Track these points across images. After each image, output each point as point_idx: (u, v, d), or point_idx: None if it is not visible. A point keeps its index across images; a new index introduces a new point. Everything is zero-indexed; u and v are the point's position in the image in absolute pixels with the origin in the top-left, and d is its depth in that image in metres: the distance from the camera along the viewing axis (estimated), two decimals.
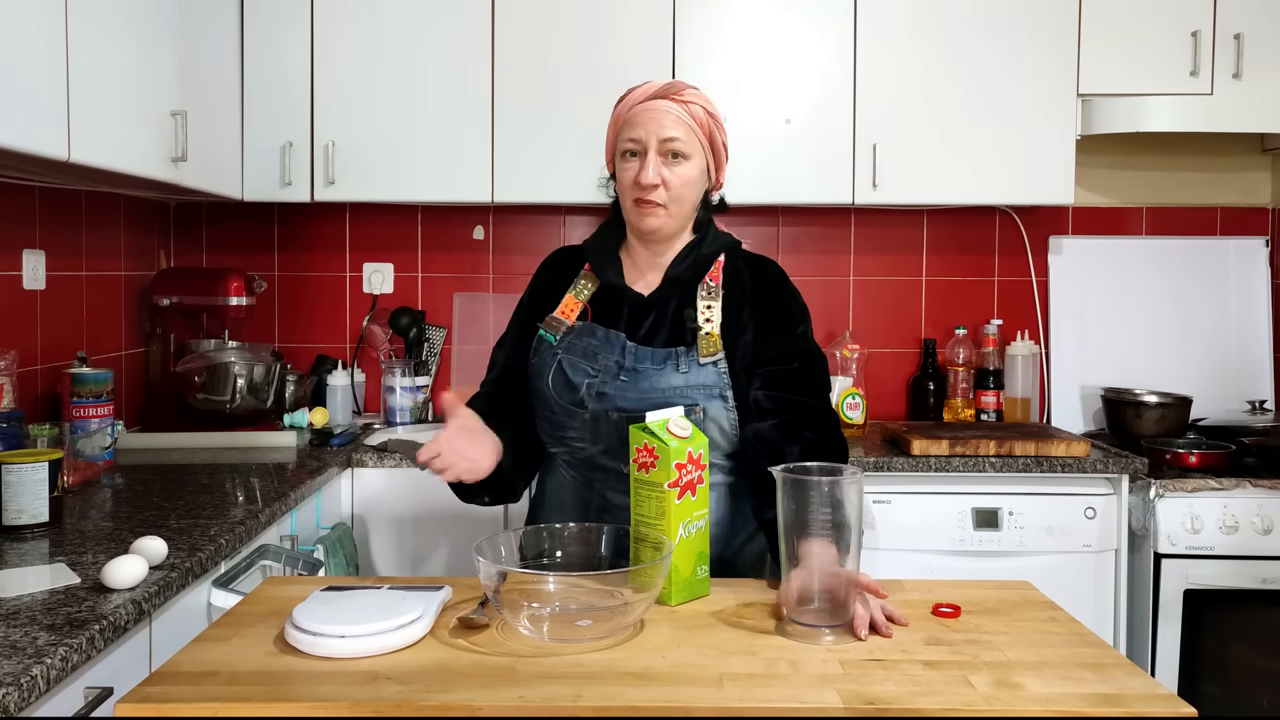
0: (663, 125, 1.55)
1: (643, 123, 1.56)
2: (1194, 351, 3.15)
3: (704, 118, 1.59)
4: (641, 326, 1.61)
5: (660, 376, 1.56)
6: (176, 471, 2.29)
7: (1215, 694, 2.52)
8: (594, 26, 2.79)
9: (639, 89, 1.60)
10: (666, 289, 1.63)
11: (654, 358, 1.58)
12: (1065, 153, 2.82)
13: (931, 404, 3.12)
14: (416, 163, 2.81)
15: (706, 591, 1.38)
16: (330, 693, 1.05)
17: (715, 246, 1.65)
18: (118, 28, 2.08)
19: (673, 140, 1.55)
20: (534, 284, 1.75)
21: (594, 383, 1.58)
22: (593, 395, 1.57)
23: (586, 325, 1.63)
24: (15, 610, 1.33)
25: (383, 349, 3.13)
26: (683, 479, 1.35)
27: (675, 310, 1.62)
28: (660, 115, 1.56)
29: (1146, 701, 1.05)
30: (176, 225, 3.18)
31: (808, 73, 2.82)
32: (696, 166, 1.59)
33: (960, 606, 1.32)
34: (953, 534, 2.54)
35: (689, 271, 1.63)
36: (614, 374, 1.57)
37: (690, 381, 1.56)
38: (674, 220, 1.60)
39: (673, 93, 1.57)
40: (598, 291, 1.66)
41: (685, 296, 1.63)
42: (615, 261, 1.67)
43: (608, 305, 1.65)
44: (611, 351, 1.59)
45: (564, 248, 1.78)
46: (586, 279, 1.68)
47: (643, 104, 1.58)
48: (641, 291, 1.64)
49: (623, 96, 1.63)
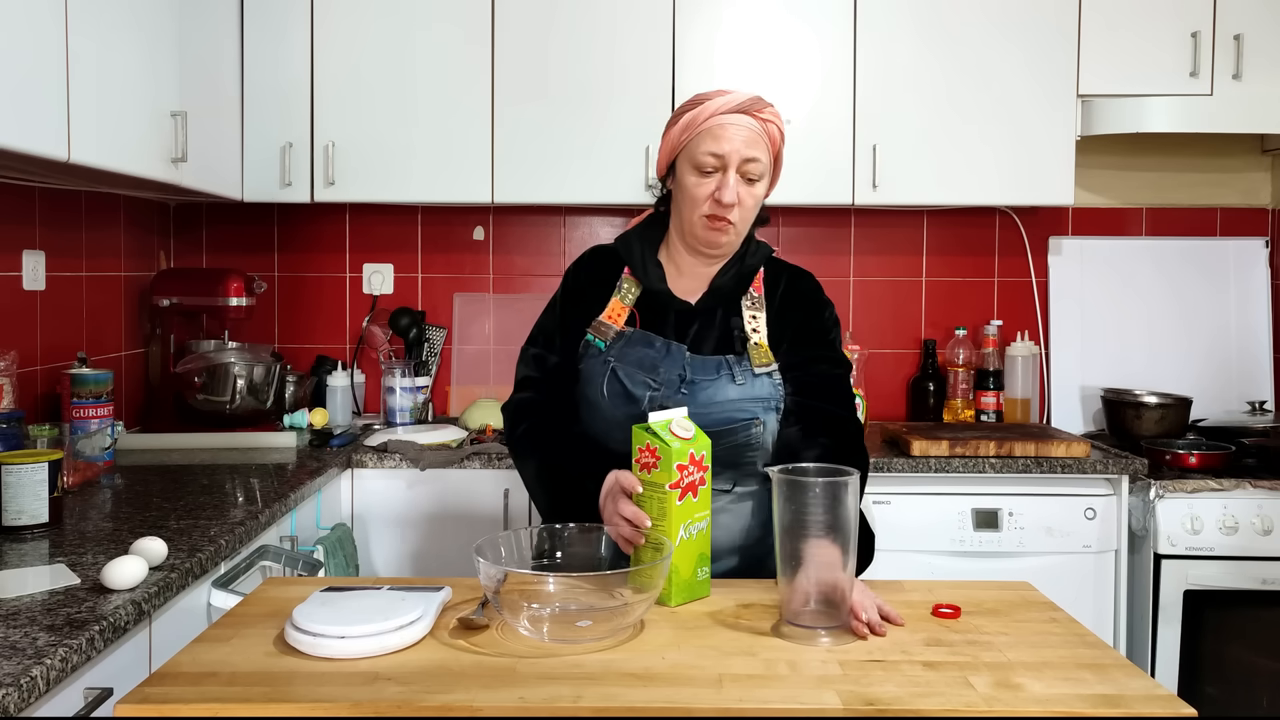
0: (747, 144, 1.52)
1: (728, 138, 1.52)
2: (1194, 352, 3.15)
3: (778, 138, 1.57)
4: (687, 335, 1.59)
5: (716, 389, 1.55)
6: (176, 472, 2.29)
7: (1215, 694, 2.52)
8: (594, 28, 2.79)
9: (719, 99, 1.54)
10: (712, 298, 1.61)
11: (706, 368, 1.56)
12: (1065, 153, 2.82)
13: (931, 405, 3.12)
14: (416, 163, 2.81)
15: (707, 593, 1.38)
16: (330, 693, 1.05)
17: (758, 258, 1.64)
18: (118, 28, 2.08)
19: (754, 161, 1.53)
20: (569, 283, 1.70)
21: (657, 396, 1.54)
22: (656, 409, 1.50)
23: (639, 333, 1.60)
24: (15, 611, 1.33)
25: (382, 350, 3.13)
26: (684, 480, 1.35)
27: (722, 319, 1.61)
28: (745, 133, 1.53)
29: (1146, 702, 1.05)
30: (176, 226, 3.18)
31: (808, 73, 2.82)
32: (764, 186, 1.58)
33: (960, 607, 1.32)
34: (953, 535, 2.54)
35: (734, 282, 1.62)
36: (676, 387, 1.55)
37: (747, 394, 1.56)
38: (739, 238, 1.60)
39: (755, 110, 1.54)
40: (641, 296, 1.63)
41: (730, 306, 1.61)
42: (657, 266, 1.63)
43: (653, 312, 1.61)
44: (674, 365, 1.56)
45: (598, 247, 1.73)
46: (629, 282, 1.64)
47: (726, 116, 1.53)
48: (682, 297, 1.62)
49: (694, 102, 1.57)
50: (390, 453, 2.57)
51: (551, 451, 1.59)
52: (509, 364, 3.17)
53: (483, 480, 2.58)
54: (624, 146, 2.80)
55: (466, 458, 2.56)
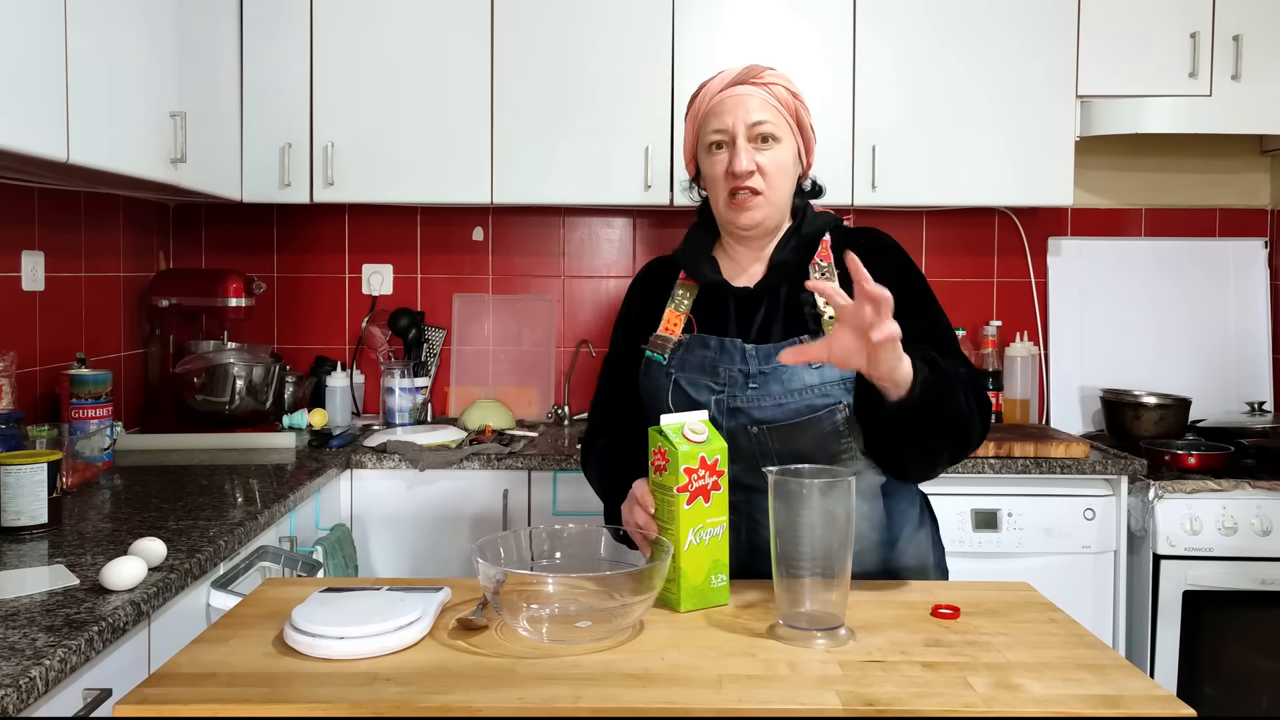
0: (749, 110, 1.46)
1: (728, 110, 1.47)
2: (1193, 353, 3.15)
3: (788, 98, 1.49)
4: (753, 323, 1.50)
5: (792, 375, 1.44)
6: (175, 473, 2.28)
7: (1214, 695, 2.52)
8: (593, 28, 2.79)
9: (715, 79, 1.51)
10: (773, 276, 1.51)
11: (778, 353, 1.41)
12: (1064, 154, 2.82)
13: None
14: (415, 164, 2.81)
15: (724, 601, 1.34)
16: (329, 694, 1.04)
17: (816, 226, 1.54)
18: (117, 28, 2.08)
19: (761, 124, 1.46)
20: (628, 305, 1.65)
21: (721, 399, 1.46)
22: (724, 412, 1.46)
23: (696, 337, 1.51)
24: (14, 612, 1.33)
25: (382, 350, 3.13)
26: (693, 484, 1.31)
27: (787, 298, 1.50)
28: (744, 100, 1.46)
29: (1145, 703, 1.05)
30: (175, 226, 3.18)
31: (807, 74, 2.81)
32: (788, 150, 1.49)
33: (959, 608, 1.32)
34: (952, 535, 2.54)
35: (794, 255, 1.51)
36: (741, 384, 1.46)
37: (826, 377, 1.44)
38: (774, 210, 1.50)
39: (751, 77, 1.48)
40: (699, 297, 1.55)
41: (795, 282, 1.50)
42: (710, 260, 1.56)
43: (712, 308, 1.53)
44: (732, 361, 1.47)
45: (653, 260, 1.67)
46: (683, 288, 1.57)
47: (723, 92, 1.48)
48: (740, 284, 1.54)
49: (698, 91, 1.54)
50: (389, 453, 2.57)
51: (615, 478, 1.53)
52: (508, 364, 3.18)
53: (482, 481, 2.58)
54: (624, 147, 2.80)
55: (465, 458, 2.56)
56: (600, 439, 1.66)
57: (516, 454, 2.57)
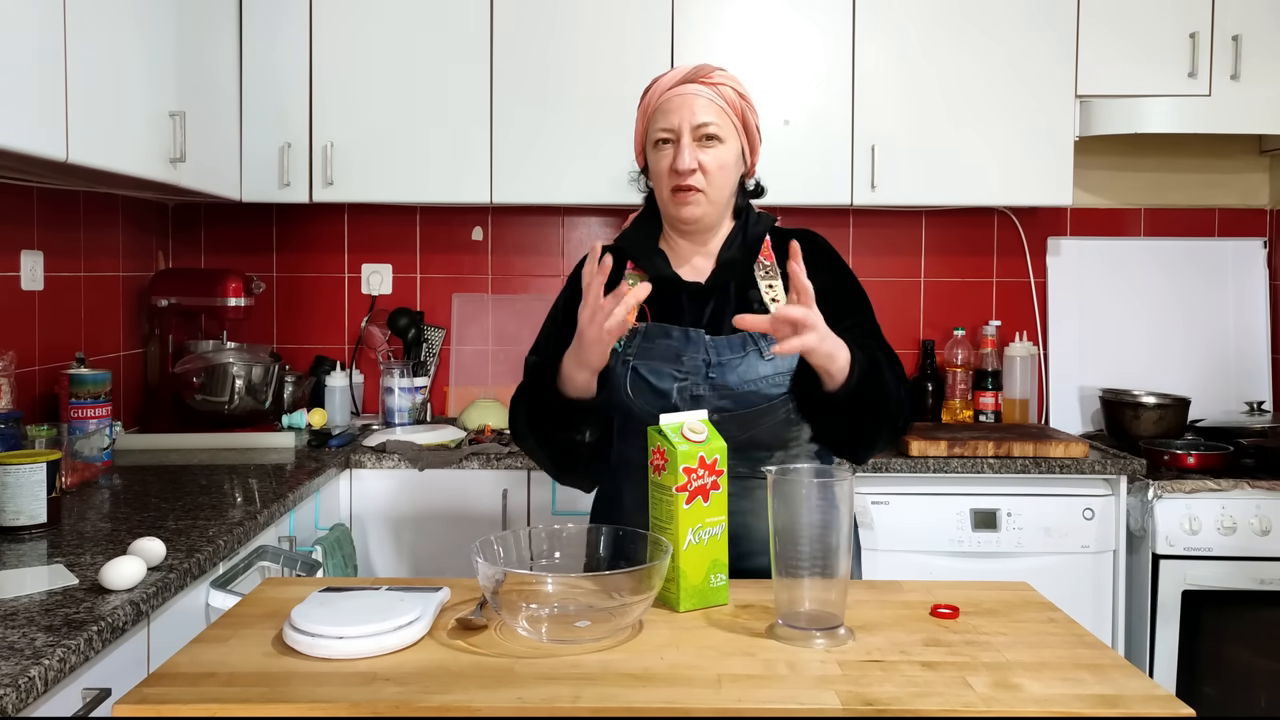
0: (695, 110, 1.52)
1: (675, 109, 1.53)
2: (1192, 353, 3.15)
3: (735, 99, 1.55)
4: (703, 316, 1.56)
5: (747, 366, 1.52)
6: (175, 472, 2.28)
7: (1213, 695, 2.52)
8: (592, 27, 2.79)
9: (666, 76, 1.57)
10: (722, 273, 1.58)
11: (731, 347, 1.52)
12: (1063, 154, 2.82)
13: (930, 405, 3.12)
14: (415, 163, 2.81)
15: (724, 601, 1.34)
16: (328, 694, 1.04)
17: (761, 227, 1.62)
18: (116, 28, 2.08)
19: (706, 125, 1.52)
20: (575, 287, 1.65)
21: (685, 386, 1.52)
22: (686, 400, 1.51)
23: (655, 326, 1.56)
24: (13, 611, 1.33)
25: (381, 350, 3.13)
26: (692, 484, 1.32)
27: (737, 294, 1.57)
28: (691, 100, 1.53)
29: (1145, 702, 1.05)
30: (175, 226, 3.18)
31: (806, 73, 2.82)
32: (732, 150, 1.55)
33: (959, 607, 1.32)
34: (951, 535, 2.54)
35: (740, 253, 1.59)
36: (703, 373, 1.52)
37: (779, 368, 1.52)
38: (714, 208, 1.56)
39: (701, 76, 1.54)
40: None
41: (743, 279, 1.58)
42: (659, 254, 1.62)
43: (664, 300, 1.58)
44: (697, 350, 1.53)
45: (602, 247, 1.70)
46: (634, 277, 1.62)
47: (672, 90, 1.54)
48: (690, 279, 1.59)
49: (649, 86, 1.60)
50: (389, 453, 2.57)
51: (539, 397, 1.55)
52: (508, 364, 3.18)
53: (481, 480, 2.58)
54: (623, 146, 2.75)
55: (465, 458, 2.56)
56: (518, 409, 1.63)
57: (516, 454, 2.57)
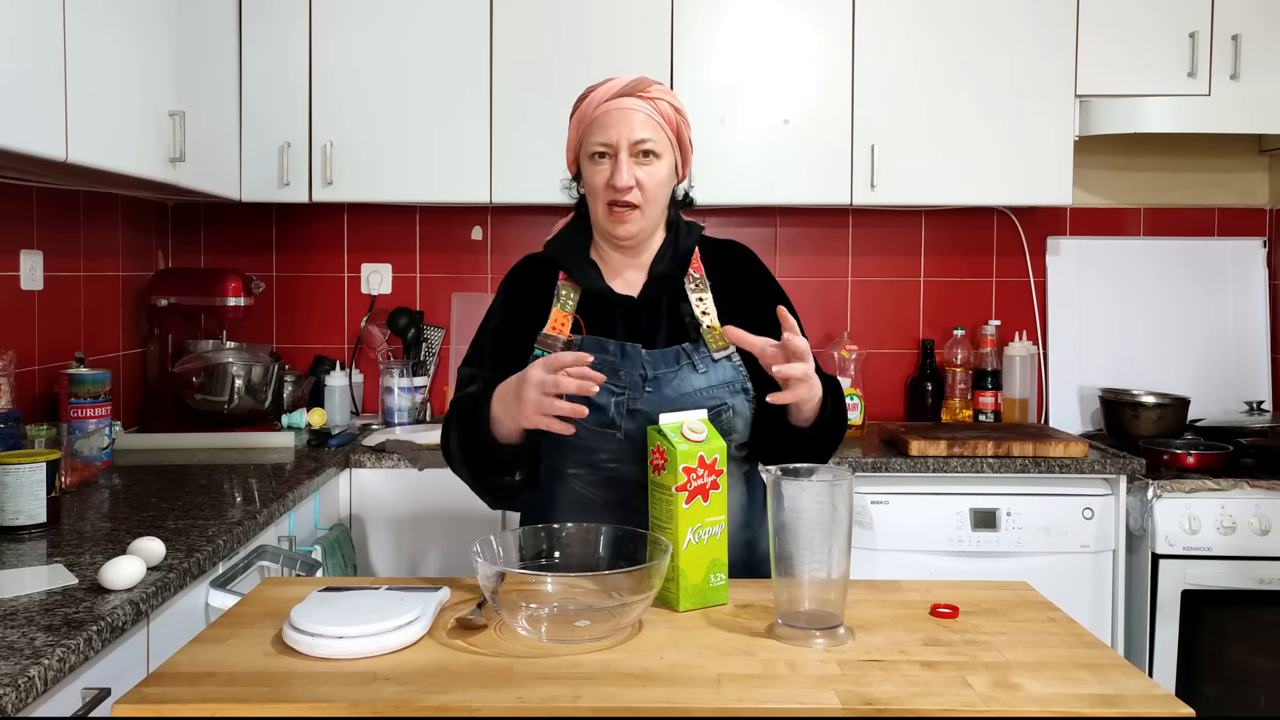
0: (633, 127, 1.51)
1: (613, 124, 1.52)
2: (1192, 352, 3.16)
3: (672, 115, 1.55)
4: (638, 330, 1.56)
5: (681, 380, 1.52)
6: (174, 472, 2.28)
7: (1213, 694, 2.52)
8: (592, 27, 2.79)
9: (602, 87, 1.56)
10: (654, 287, 1.58)
11: (666, 360, 1.53)
12: (1063, 153, 2.82)
13: (929, 405, 3.12)
14: (414, 163, 2.81)
15: (723, 600, 1.34)
16: (328, 693, 1.04)
17: (691, 239, 1.62)
18: (115, 28, 2.08)
19: (644, 141, 1.51)
20: (508, 294, 1.64)
21: (622, 400, 1.51)
22: (624, 414, 1.50)
23: (590, 339, 1.55)
24: (13, 611, 1.33)
25: (381, 349, 3.13)
26: (692, 483, 1.32)
27: (669, 308, 1.58)
28: (629, 116, 1.51)
29: (1144, 702, 1.05)
30: (174, 225, 3.18)
31: (806, 73, 2.82)
32: (667, 165, 1.55)
33: (958, 607, 1.32)
34: (951, 535, 2.54)
35: (671, 266, 1.59)
36: (640, 387, 1.51)
37: (712, 380, 1.53)
38: (649, 223, 1.56)
39: (639, 90, 1.53)
40: (582, 299, 1.59)
41: (674, 292, 1.59)
42: (591, 265, 1.60)
43: (597, 313, 1.58)
44: (633, 365, 1.52)
45: (532, 255, 1.68)
46: (566, 288, 1.59)
47: (610, 102, 1.53)
48: (623, 292, 1.59)
49: (584, 95, 1.58)
50: (388, 453, 2.57)
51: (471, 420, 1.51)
52: None
53: None
54: None
55: None
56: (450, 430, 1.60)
57: None
